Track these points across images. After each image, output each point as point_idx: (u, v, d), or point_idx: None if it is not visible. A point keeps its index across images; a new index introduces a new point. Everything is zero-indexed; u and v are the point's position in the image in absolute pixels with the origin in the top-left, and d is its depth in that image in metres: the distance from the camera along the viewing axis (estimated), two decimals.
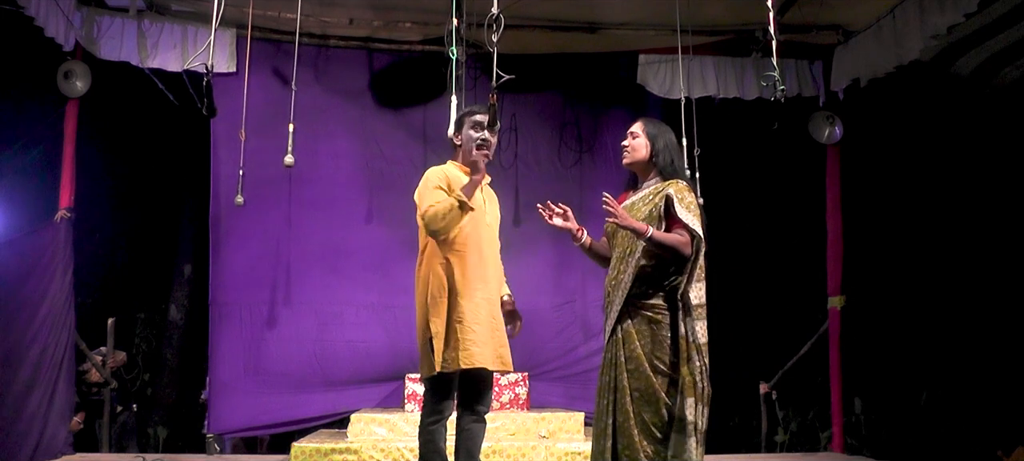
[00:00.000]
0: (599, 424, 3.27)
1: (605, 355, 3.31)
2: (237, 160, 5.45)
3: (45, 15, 5.27)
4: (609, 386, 3.25)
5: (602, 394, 3.29)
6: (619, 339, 3.25)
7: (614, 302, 3.28)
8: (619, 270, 3.30)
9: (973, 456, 5.35)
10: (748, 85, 6.30)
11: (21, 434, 4.98)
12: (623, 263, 3.29)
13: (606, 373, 3.28)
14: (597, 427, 3.28)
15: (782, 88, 3.85)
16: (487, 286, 3.40)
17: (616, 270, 3.32)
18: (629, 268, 3.26)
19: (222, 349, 6.01)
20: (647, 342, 3.19)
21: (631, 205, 3.35)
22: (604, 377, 3.29)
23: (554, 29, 6.10)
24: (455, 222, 3.31)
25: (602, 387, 3.29)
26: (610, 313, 3.30)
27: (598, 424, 3.28)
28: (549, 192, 6.14)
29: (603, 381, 3.29)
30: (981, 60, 5.57)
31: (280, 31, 6.04)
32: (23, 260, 5.28)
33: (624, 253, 3.30)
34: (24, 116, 6.46)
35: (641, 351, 3.19)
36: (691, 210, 3.21)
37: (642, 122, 3.45)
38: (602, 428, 3.25)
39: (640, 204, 3.32)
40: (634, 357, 3.20)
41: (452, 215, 3.28)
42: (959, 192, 5.89)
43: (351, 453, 4.85)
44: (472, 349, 3.29)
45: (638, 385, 3.18)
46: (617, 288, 3.29)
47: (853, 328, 6.08)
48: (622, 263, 3.29)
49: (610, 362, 3.27)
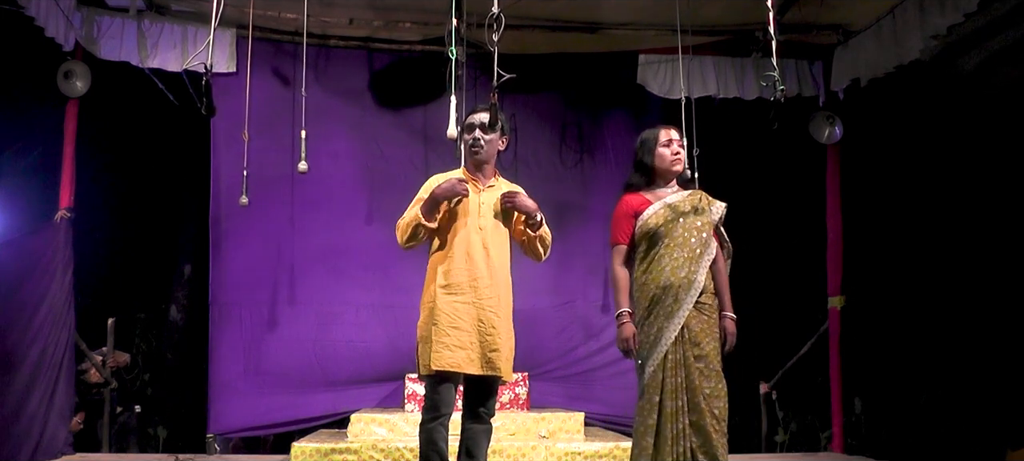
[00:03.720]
0: (676, 424, 3.28)
1: (669, 356, 3.32)
2: (237, 160, 5.45)
3: (45, 15, 5.27)
4: (681, 387, 3.30)
5: (674, 396, 3.30)
6: (688, 340, 3.32)
7: (683, 302, 3.34)
8: (689, 270, 3.36)
9: (973, 456, 5.35)
10: (748, 85, 6.30)
11: (21, 434, 4.99)
12: (694, 264, 3.37)
13: (675, 374, 3.31)
14: (671, 430, 3.28)
15: (782, 88, 3.85)
16: (477, 289, 3.35)
17: (686, 270, 3.36)
18: (701, 269, 3.38)
19: (222, 349, 6.01)
20: (710, 341, 3.35)
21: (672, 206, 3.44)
22: (675, 378, 3.30)
23: (554, 29, 6.10)
24: (416, 238, 3.39)
25: (673, 389, 3.30)
26: (676, 314, 3.33)
27: (673, 424, 3.28)
28: (549, 192, 6.23)
29: (674, 382, 3.30)
30: (981, 60, 5.57)
31: (280, 31, 6.04)
32: (23, 260, 5.28)
33: (694, 253, 3.38)
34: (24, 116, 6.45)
35: (710, 348, 3.33)
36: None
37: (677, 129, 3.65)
38: (680, 430, 3.27)
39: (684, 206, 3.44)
40: (704, 356, 3.33)
41: (411, 231, 3.37)
42: (959, 192, 5.89)
43: (351, 453, 4.85)
44: (443, 352, 3.28)
45: (709, 384, 3.32)
46: (688, 288, 3.34)
47: (853, 328, 6.08)
48: (693, 264, 3.37)
49: (678, 362, 3.31)
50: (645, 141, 3.61)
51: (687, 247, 3.38)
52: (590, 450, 4.94)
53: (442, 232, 3.43)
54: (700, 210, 3.46)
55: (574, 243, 6.38)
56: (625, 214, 3.52)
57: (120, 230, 7.69)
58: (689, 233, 3.40)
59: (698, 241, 3.39)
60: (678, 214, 3.42)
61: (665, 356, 3.32)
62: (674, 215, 3.42)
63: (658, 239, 3.42)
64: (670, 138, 3.55)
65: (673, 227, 3.40)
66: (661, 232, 3.41)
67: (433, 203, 3.36)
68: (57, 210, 5.57)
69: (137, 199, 7.67)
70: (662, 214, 3.43)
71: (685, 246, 3.38)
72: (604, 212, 6.52)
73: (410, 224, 3.37)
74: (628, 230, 3.50)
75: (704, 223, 3.44)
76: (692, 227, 3.41)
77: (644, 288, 3.41)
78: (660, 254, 3.40)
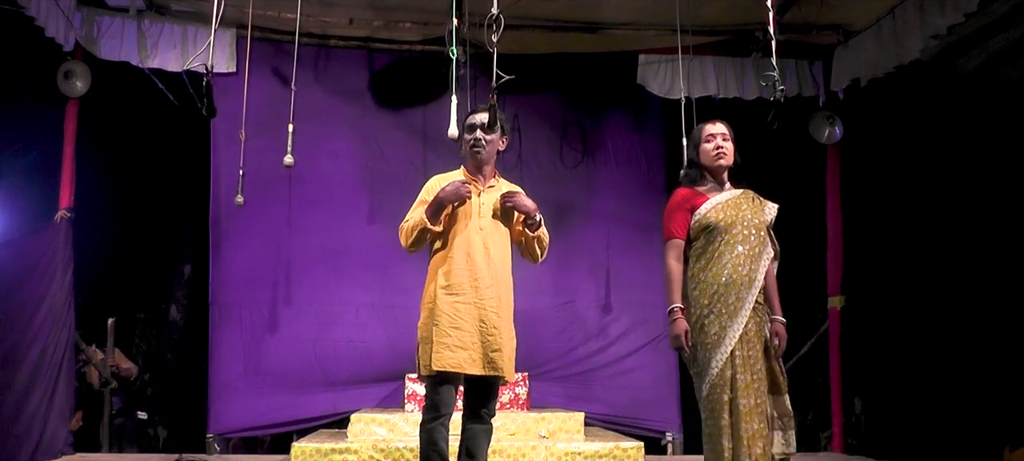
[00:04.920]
0: (749, 426, 3.19)
1: (735, 354, 3.23)
2: (237, 160, 5.45)
3: (45, 15, 5.27)
4: (752, 386, 3.22)
5: (747, 393, 3.20)
6: (751, 338, 3.26)
7: (745, 301, 3.26)
8: (751, 268, 3.29)
9: (973, 456, 5.35)
10: (748, 85, 6.30)
11: (21, 434, 4.99)
12: (755, 262, 3.31)
13: (746, 371, 3.23)
14: (746, 430, 3.19)
15: (782, 88, 3.85)
16: (478, 290, 3.35)
17: (747, 268, 3.29)
18: (761, 267, 3.32)
19: (222, 349, 6.01)
20: (761, 344, 3.29)
21: (734, 203, 3.37)
22: (746, 375, 3.22)
23: (554, 29, 6.10)
24: (421, 240, 3.38)
25: (746, 385, 3.21)
26: (739, 311, 3.25)
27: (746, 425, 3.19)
28: (550, 193, 6.23)
29: (745, 380, 3.21)
30: (981, 60, 5.57)
31: (280, 31, 6.04)
32: (23, 260, 5.29)
33: (752, 253, 3.32)
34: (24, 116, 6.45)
35: (761, 350, 3.29)
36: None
37: (727, 124, 3.53)
38: (755, 430, 3.19)
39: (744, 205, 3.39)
40: (759, 356, 3.28)
41: (416, 235, 3.36)
42: (959, 192, 5.89)
43: (351, 453, 4.85)
44: (445, 353, 3.28)
45: (770, 378, 3.30)
46: (749, 287, 3.27)
47: (853, 328, 6.08)
48: (754, 262, 3.31)
49: (747, 360, 3.23)
50: (693, 136, 3.57)
51: (747, 244, 3.30)
52: (590, 450, 4.94)
53: (443, 233, 3.43)
54: (756, 208, 3.40)
55: (575, 243, 6.39)
56: (680, 207, 3.40)
57: (120, 230, 7.69)
58: (749, 230, 3.32)
59: (758, 239, 3.33)
60: (738, 210, 3.35)
61: (732, 353, 3.22)
62: (735, 211, 3.34)
63: (717, 235, 3.32)
64: (712, 133, 3.47)
65: (733, 223, 3.31)
66: (721, 227, 3.31)
67: (438, 206, 3.35)
68: (57, 210, 5.57)
69: (137, 199, 7.67)
70: (722, 209, 3.34)
71: (746, 242, 3.30)
72: (604, 212, 6.60)
73: (415, 228, 3.37)
74: (684, 224, 3.39)
75: (761, 222, 3.38)
76: (750, 225, 3.34)
77: (703, 285, 3.30)
78: (720, 251, 3.30)
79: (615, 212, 6.51)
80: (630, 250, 6.39)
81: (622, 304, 6.41)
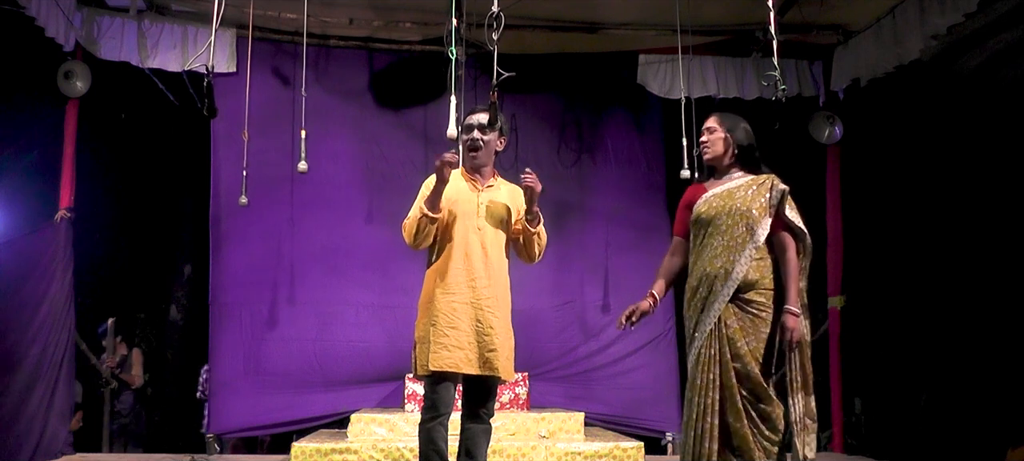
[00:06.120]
0: (701, 424, 3.16)
1: (703, 351, 3.20)
2: (237, 160, 5.45)
3: (45, 15, 5.27)
4: (713, 384, 3.16)
5: (704, 392, 3.17)
6: (723, 335, 3.18)
7: (718, 294, 3.20)
8: (726, 261, 3.22)
9: (973, 456, 5.34)
10: (748, 85, 6.30)
11: (21, 434, 5.00)
12: (731, 254, 3.22)
13: (708, 370, 3.16)
14: (697, 428, 3.17)
15: (783, 88, 3.85)
16: (475, 289, 3.35)
17: (722, 260, 3.22)
18: (740, 260, 3.20)
19: (222, 349, 6.01)
20: (752, 339, 3.19)
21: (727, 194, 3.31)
22: (707, 374, 3.16)
23: (554, 29, 6.10)
24: (427, 234, 3.35)
25: (704, 385, 3.17)
26: (710, 306, 3.21)
27: (698, 423, 3.17)
28: (549, 192, 6.13)
29: (705, 379, 3.17)
30: (981, 60, 5.57)
31: (280, 31, 6.05)
32: (23, 260, 5.29)
33: (732, 243, 3.23)
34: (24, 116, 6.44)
35: (747, 349, 3.17)
36: (796, 210, 3.30)
37: (717, 116, 3.46)
38: (706, 428, 3.15)
39: (740, 193, 3.29)
40: (741, 355, 3.17)
41: (417, 227, 3.33)
42: (959, 192, 5.88)
43: (351, 453, 4.85)
44: (441, 352, 3.28)
45: (749, 385, 3.17)
46: (724, 280, 3.20)
47: (853, 328, 6.08)
48: (729, 253, 3.22)
49: (712, 359, 3.17)
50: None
51: (728, 235, 3.24)
52: (590, 450, 4.94)
53: (441, 232, 3.43)
54: (755, 195, 3.27)
55: (574, 243, 6.39)
56: (682, 205, 3.48)
57: (120, 230, 7.69)
58: (733, 220, 3.24)
59: (745, 229, 3.22)
60: (728, 201, 3.29)
61: (699, 351, 3.22)
62: (723, 202, 3.29)
63: (701, 227, 3.32)
64: (701, 129, 3.47)
65: (717, 215, 3.27)
66: (704, 220, 3.31)
67: (432, 194, 3.34)
68: (57, 210, 5.57)
69: (137, 199, 7.67)
70: (709, 202, 3.33)
71: (726, 234, 3.24)
72: (604, 212, 6.60)
73: (415, 220, 3.35)
74: (683, 221, 3.44)
75: (758, 210, 3.23)
76: (736, 214, 3.25)
77: (689, 280, 3.32)
78: (703, 244, 3.30)
79: (615, 212, 6.51)
80: (630, 250, 6.39)
81: (622, 304, 6.32)
